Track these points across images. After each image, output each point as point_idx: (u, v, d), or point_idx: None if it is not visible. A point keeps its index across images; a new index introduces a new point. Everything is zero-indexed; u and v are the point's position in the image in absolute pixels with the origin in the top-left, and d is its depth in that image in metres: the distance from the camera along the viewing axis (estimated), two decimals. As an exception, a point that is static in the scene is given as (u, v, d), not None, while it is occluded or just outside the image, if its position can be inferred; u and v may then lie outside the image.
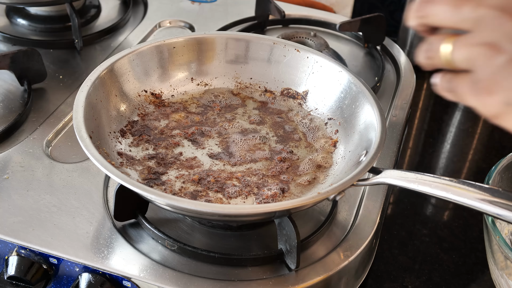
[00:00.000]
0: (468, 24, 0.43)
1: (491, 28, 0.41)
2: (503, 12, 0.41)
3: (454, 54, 0.44)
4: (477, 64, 0.42)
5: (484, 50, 0.42)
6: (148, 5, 1.18)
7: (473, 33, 0.43)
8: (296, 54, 0.85)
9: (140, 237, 0.71)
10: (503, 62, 0.41)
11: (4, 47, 1.03)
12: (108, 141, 0.74)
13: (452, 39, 0.44)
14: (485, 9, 0.42)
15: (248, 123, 0.82)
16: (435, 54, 0.46)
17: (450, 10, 0.44)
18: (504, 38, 0.41)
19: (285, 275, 0.67)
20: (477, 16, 0.42)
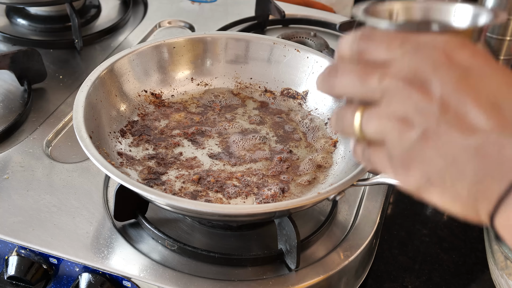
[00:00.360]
0: (375, 96, 0.41)
1: (399, 101, 0.40)
2: (409, 83, 0.39)
3: (364, 127, 0.43)
4: (389, 139, 0.41)
5: (394, 124, 0.40)
6: (148, 5, 1.17)
7: (382, 105, 0.41)
8: (296, 54, 0.85)
9: (140, 237, 0.71)
10: (415, 137, 0.39)
11: (4, 47, 1.03)
12: (108, 141, 0.74)
13: (363, 110, 0.43)
14: (391, 80, 0.40)
15: (248, 123, 0.82)
16: (347, 126, 0.44)
17: (356, 82, 0.42)
18: (413, 112, 0.39)
19: (285, 275, 0.67)
20: (383, 87, 0.41)
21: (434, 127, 0.39)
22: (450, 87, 0.38)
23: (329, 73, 0.44)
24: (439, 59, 0.39)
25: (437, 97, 0.39)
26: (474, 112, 0.38)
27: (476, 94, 0.38)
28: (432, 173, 0.39)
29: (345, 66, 0.44)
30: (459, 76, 0.39)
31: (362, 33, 0.44)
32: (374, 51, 0.42)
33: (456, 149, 0.38)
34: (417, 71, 0.40)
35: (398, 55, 0.41)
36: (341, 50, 0.45)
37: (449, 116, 0.38)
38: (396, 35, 0.42)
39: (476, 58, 0.40)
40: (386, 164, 0.42)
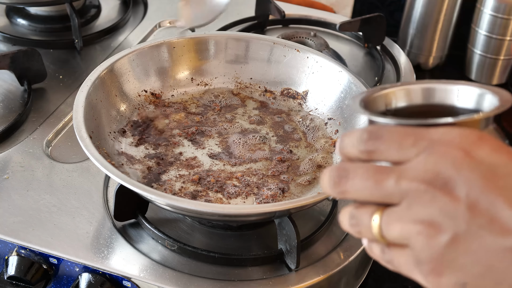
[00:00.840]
0: (394, 199, 0.39)
1: (422, 204, 0.37)
2: (431, 185, 0.37)
3: (385, 231, 0.40)
4: (416, 244, 0.38)
5: (420, 228, 0.37)
6: (148, 5, 1.17)
7: (402, 208, 0.38)
8: (296, 54, 0.85)
9: (140, 237, 0.71)
10: (446, 241, 0.37)
11: (4, 47, 1.03)
12: (108, 141, 0.74)
13: (381, 211, 0.40)
14: (410, 182, 0.38)
15: (248, 123, 0.82)
16: (365, 229, 0.41)
17: (371, 186, 0.39)
18: (440, 215, 0.37)
19: (285, 275, 0.67)
20: (402, 190, 0.38)
21: (465, 230, 0.36)
22: (476, 187, 0.36)
23: (339, 177, 0.41)
24: (459, 157, 0.37)
25: (464, 198, 0.36)
26: (507, 212, 0.36)
27: (506, 192, 0.36)
28: (469, 279, 0.37)
29: (356, 169, 0.41)
30: (484, 175, 0.37)
31: (368, 132, 0.41)
32: (385, 151, 0.40)
33: (492, 253, 0.36)
34: (437, 172, 0.37)
35: (412, 154, 0.39)
36: (347, 150, 0.42)
37: (480, 218, 0.36)
38: (406, 132, 0.39)
39: (498, 154, 0.38)
40: (413, 268, 0.39)
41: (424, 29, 1.15)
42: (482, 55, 1.14)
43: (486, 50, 1.13)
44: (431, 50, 1.17)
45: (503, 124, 1.09)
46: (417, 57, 1.18)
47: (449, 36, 1.17)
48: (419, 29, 1.15)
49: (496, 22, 1.09)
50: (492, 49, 1.12)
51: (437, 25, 1.14)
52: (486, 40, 1.12)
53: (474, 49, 1.14)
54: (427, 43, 1.16)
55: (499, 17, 1.08)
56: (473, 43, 1.14)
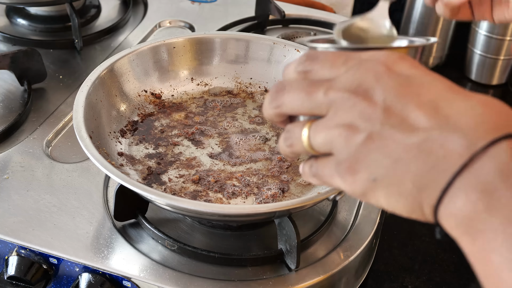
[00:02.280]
0: (322, 110, 0.43)
1: (344, 110, 0.41)
2: (354, 94, 0.41)
3: (312, 139, 0.44)
4: (336, 146, 0.42)
5: (340, 131, 0.41)
6: (148, 5, 1.17)
7: (328, 117, 0.43)
8: (296, 54, 0.85)
9: (140, 237, 0.71)
10: (361, 140, 0.40)
11: (4, 47, 1.03)
12: (108, 141, 0.74)
13: (309, 124, 0.44)
14: (336, 92, 0.42)
15: (248, 123, 0.82)
16: (296, 141, 0.45)
17: (303, 97, 0.44)
18: (359, 118, 0.41)
19: (285, 275, 0.67)
20: (329, 100, 0.42)
21: (379, 130, 0.40)
22: (392, 94, 0.40)
23: (276, 92, 0.46)
24: (381, 70, 0.41)
25: (380, 102, 0.40)
26: (416, 113, 0.39)
27: (417, 98, 0.40)
28: (378, 173, 0.40)
29: (292, 84, 0.45)
30: (400, 84, 0.41)
31: (306, 55, 0.45)
32: (319, 70, 0.44)
33: (400, 148, 0.39)
34: (360, 82, 0.41)
35: (342, 71, 0.43)
36: (287, 73, 0.46)
37: (393, 119, 0.40)
38: (339, 54, 0.44)
39: (415, 69, 0.42)
40: (333, 172, 0.43)
41: (424, 29, 1.15)
42: (482, 55, 1.14)
43: (486, 50, 1.13)
44: (431, 50, 1.17)
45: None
46: (417, 57, 1.18)
47: (449, 36, 1.17)
48: (419, 29, 1.15)
49: (496, 22, 1.09)
50: (492, 49, 1.12)
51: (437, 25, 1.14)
52: (486, 40, 1.12)
53: (474, 49, 1.14)
54: (427, 43, 1.16)
55: (499, 17, 1.08)
56: (473, 43, 1.14)
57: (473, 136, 0.38)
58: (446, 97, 0.40)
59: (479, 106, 0.40)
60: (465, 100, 0.40)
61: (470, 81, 1.18)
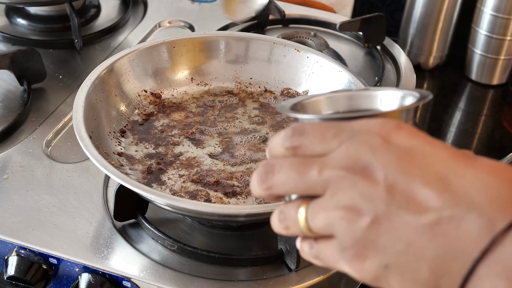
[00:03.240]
0: (317, 189, 0.40)
1: (343, 190, 0.38)
2: (351, 171, 0.38)
3: (310, 222, 0.40)
4: (338, 230, 0.39)
5: (342, 214, 0.38)
6: (148, 5, 1.17)
7: (326, 197, 0.39)
8: (296, 54, 0.85)
9: (140, 237, 0.71)
10: (366, 224, 0.37)
11: (4, 47, 1.03)
12: (108, 141, 0.74)
13: (307, 204, 0.41)
14: (331, 170, 0.39)
15: (248, 123, 0.82)
16: (292, 223, 0.42)
17: (295, 177, 0.40)
18: (361, 199, 0.37)
19: (285, 275, 0.67)
20: (325, 179, 0.39)
21: (384, 211, 0.37)
22: (393, 169, 0.37)
23: (266, 173, 0.42)
24: (377, 143, 0.38)
25: (382, 180, 0.37)
26: (423, 190, 0.37)
27: (421, 172, 0.37)
28: (390, 259, 0.37)
29: (281, 163, 0.41)
30: (401, 157, 0.38)
31: (292, 129, 0.42)
32: (309, 145, 0.41)
33: (411, 231, 0.37)
34: (357, 158, 0.38)
35: (334, 145, 0.40)
36: (274, 149, 0.43)
37: (398, 198, 0.37)
38: (328, 126, 0.41)
39: (415, 138, 0.39)
40: (338, 257, 0.40)
41: (424, 29, 1.15)
42: (482, 55, 1.14)
43: (486, 50, 1.13)
44: (431, 50, 1.17)
45: (503, 123, 1.09)
46: (418, 57, 1.18)
47: (449, 36, 1.17)
48: (419, 29, 1.15)
49: (496, 22, 1.09)
50: (492, 49, 1.12)
51: (437, 25, 1.14)
52: (486, 40, 1.12)
53: (474, 49, 1.14)
54: (427, 43, 1.16)
55: (499, 17, 1.08)
56: (474, 43, 1.14)
57: (489, 215, 0.35)
58: (453, 170, 0.37)
59: (490, 177, 0.37)
60: (474, 171, 0.37)
61: (470, 81, 1.18)
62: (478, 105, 1.15)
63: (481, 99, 1.16)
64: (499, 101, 1.16)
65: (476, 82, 1.18)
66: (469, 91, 1.17)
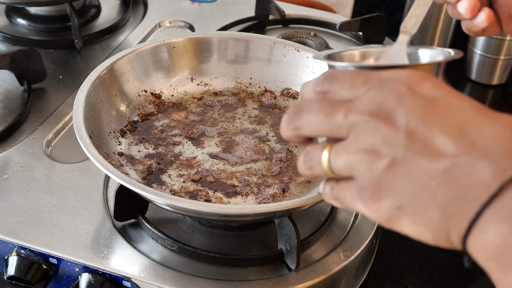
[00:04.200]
0: (342, 132, 0.41)
1: (366, 134, 0.40)
2: (375, 117, 0.40)
3: (332, 163, 0.42)
4: (358, 171, 0.40)
5: (362, 156, 0.40)
6: (148, 5, 1.17)
7: (349, 140, 0.41)
8: (296, 54, 0.85)
9: (140, 237, 0.71)
10: (384, 166, 0.39)
11: (4, 47, 1.03)
12: (108, 141, 0.74)
13: (331, 146, 0.43)
14: (357, 115, 0.41)
15: (248, 123, 0.82)
16: (315, 164, 0.44)
17: (322, 119, 0.42)
18: (381, 143, 0.39)
19: (285, 275, 0.67)
20: (350, 123, 0.41)
21: (402, 156, 0.39)
22: (415, 117, 0.39)
23: (294, 114, 0.44)
24: (403, 91, 0.40)
25: (403, 127, 0.39)
26: (441, 138, 0.38)
27: (442, 121, 0.39)
28: (403, 201, 0.39)
29: (311, 105, 0.43)
30: (424, 106, 0.39)
31: (324, 75, 0.44)
32: (338, 90, 0.43)
33: (426, 175, 0.38)
34: (382, 105, 0.40)
35: (362, 92, 0.41)
36: (305, 93, 0.45)
37: (417, 144, 0.38)
38: (359, 73, 0.43)
39: (440, 89, 0.40)
40: (355, 198, 0.41)
41: (424, 29, 1.15)
42: (482, 55, 1.14)
43: (486, 50, 1.13)
44: (431, 50, 1.17)
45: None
46: (417, 57, 1.18)
47: (449, 36, 1.17)
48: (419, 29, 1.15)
49: (496, 22, 1.09)
50: (492, 49, 1.12)
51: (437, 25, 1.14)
52: (486, 40, 1.12)
53: (474, 49, 1.14)
54: (427, 43, 1.16)
55: (499, 17, 1.08)
56: (473, 43, 1.14)
57: (502, 163, 0.36)
58: (473, 121, 0.38)
59: (508, 130, 0.38)
60: (493, 124, 0.38)
61: (470, 81, 1.18)
62: (478, 105, 1.15)
63: (481, 99, 1.16)
64: (499, 101, 1.16)
65: (476, 82, 1.18)
66: (469, 91, 1.17)
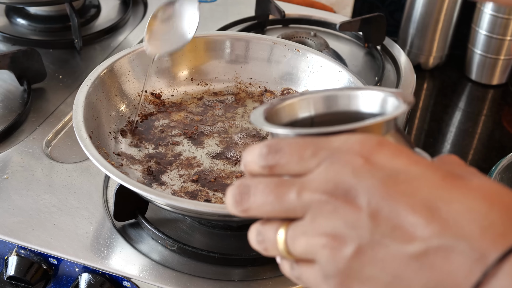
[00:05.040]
0: (297, 212, 0.37)
1: (324, 216, 0.36)
2: (332, 196, 0.36)
3: (290, 246, 0.38)
4: (321, 258, 0.37)
5: (324, 241, 0.36)
6: (148, 5, 1.17)
7: (306, 221, 0.37)
8: (296, 54, 0.85)
9: (140, 237, 0.71)
10: (350, 253, 0.35)
11: (4, 47, 1.03)
12: (108, 141, 0.74)
13: (286, 226, 0.38)
14: (311, 194, 0.37)
15: (248, 123, 0.82)
16: (271, 246, 0.40)
17: (272, 201, 0.38)
18: (343, 226, 0.36)
19: (285, 275, 0.67)
20: (304, 203, 0.37)
21: (369, 240, 0.35)
22: (377, 195, 0.35)
23: (241, 194, 0.39)
24: (358, 164, 0.36)
25: (365, 207, 0.35)
26: (409, 218, 0.34)
27: (407, 199, 0.35)
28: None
29: (257, 185, 0.39)
30: (384, 181, 0.35)
31: (268, 146, 0.39)
32: (285, 165, 0.38)
33: (398, 261, 0.35)
34: (337, 182, 0.36)
35: (312, 165, 0.37)
36: (249, 167, 0.40)
37: (383, 226, 0.35)
38: (306, 143, 0.38)
39: (398, 158, 0.36)
40: (321, 283, 0.38)
41: (424, 29, 1.15)
42: (482, 55, 1.14)
43: (486, 50, 1.13)
44: (431, 50, 1.17)
45: (503, 123, 1.09)
46: (417, 57, 1.18)
47: (449, 36, 1.17)
48: (419, 29, 1.15)
49: (496, 22, 1.09)
50: (492, 49, 1.12)
51: (437, 25, 1.14)
52: (486, 40, 1.12)
53: (474, 49, 1.14)
54: (427, 43, 1.16)
55: (499, 17, 1.08)
56: (473, 43, 1.14)
57: (480, 247, 0.33)
58: (441, 195, 0.35)
59: (481, 203, 0.34)
60: (465, 197, 0.35)
61: (470, 81, 1.18)
62: (478, 105, 1.15)
63: (481, 99, 1.16)
64: (499, 101, 1.16)
65: (476, 82, 1.18)
66: (469, 91, 1.17)
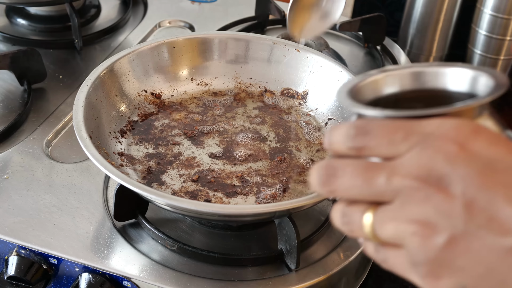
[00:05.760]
0: (386, 197, 0.37)
1: (415, 202, 0.35)
2: (424, 183, 0.35)
3: (377, 230, 0.37)
4: (410, 244, 0.36)
5: (414, 228, 0.35)
6: (148, 5, 1.17)
7: (396, 206, 0.36)
8: (296, 54, 0.85)
9: (140, 237, 0.71)
10: (442, 242, 0.34)
11: (4, 47, 1.03)
12: (108, 141, 0.74)
13: (373, 210, 0.37)
14: (402, 179, 0.36)
15: (248, 123, 0.82)
16: (357, 228, 0.38)
17: (361, 184, 0.37)
18: (435, 214, 0.34)
19: (285, 275, 0.67)
20: (394, 188, 0.36)
21: (463, 231, 0.34)
22: (473, 184, 0.34)
23: (328, 175, 0.39)
24: (453, 151, 0.35)
25: (460, 196, 0.34)
26: (508, 211, 0.33)
27: (505, 190, 0.34)
28: (468, 281, 0.35)
29: (345, 167, 0.38)
30: (481, 170, 0.34)
31: (356, 127, 0.38)
32: (375, 147, 0.37)
33: (493, 254, 0.34)
34: (430, 168, 0.35)
35: (403, 149, 0.36)
36: (335, 146, 0.39)
37: (478, 217, 0.34)
38: (396, 126, 0.37)
39: (496, 147, 0.35)
40: (409, 269, 0.37)
41: (424, 29, 1.15)
42: (482, 55, 1.14)
43: (486, 50, 1.13)
44: (431, 50, 1.17)
45: (503, 124, 1.09)
46: (417, 57, 1.18)
47: (449, 36, 1.17)
48: (419, 29, 1.15)
49: (496, 22, 1.09)
50: (492, 49, 1.12)
51: (437, 25, 1.14)
52: (486, 40, 1.12)
53: (474, 49, 1.14)
54: (427, 43, 1.16)
55: (499, 17, 1.08)
56: (473, 43, 1.14)
57: None
58: None
59: None
60: None
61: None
62: (478, 105, 1.15)
63: (481, 99, 1.16)
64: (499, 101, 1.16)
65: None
66: None
